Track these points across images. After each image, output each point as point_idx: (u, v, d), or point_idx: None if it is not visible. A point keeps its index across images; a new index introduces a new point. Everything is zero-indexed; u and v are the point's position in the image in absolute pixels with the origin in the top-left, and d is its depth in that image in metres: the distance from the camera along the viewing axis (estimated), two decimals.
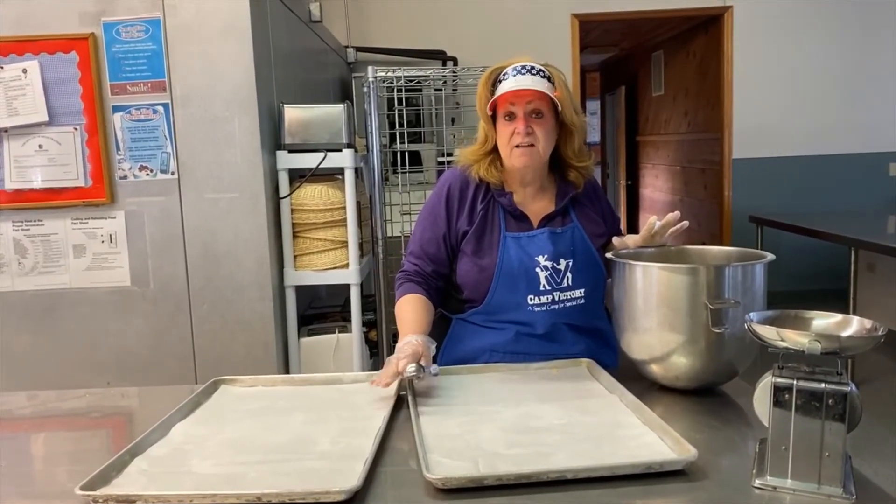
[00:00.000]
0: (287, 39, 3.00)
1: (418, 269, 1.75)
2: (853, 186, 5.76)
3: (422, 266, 1.75)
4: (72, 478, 1.12)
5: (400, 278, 1.76)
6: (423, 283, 1.73)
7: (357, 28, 5.34)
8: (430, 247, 1.75)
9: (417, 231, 1.79)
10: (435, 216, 1.75)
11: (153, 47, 2.42)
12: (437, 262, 1.75)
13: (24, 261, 2.49)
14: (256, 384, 1.60)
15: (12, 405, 1.61)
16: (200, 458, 1.20)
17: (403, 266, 1.79)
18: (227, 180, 2.49)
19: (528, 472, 1.08)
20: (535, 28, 5.46)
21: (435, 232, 1.74)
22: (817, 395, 1.03)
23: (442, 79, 3.47)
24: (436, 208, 1.76)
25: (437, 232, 1.74)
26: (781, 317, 1.15)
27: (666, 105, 7.51)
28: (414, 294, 1.70)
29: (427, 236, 1.75)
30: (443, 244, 1.74)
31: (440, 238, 1.74)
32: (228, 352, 2.54)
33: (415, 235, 1.80)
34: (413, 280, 1.74)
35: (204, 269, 2.51)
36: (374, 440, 1.23)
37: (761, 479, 1.06)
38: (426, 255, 1.75)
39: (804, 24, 5.66)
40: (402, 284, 1.74)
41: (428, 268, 1.74)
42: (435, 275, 1.75)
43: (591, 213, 1.79)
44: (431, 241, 1.75)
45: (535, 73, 1.64)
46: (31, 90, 2.40)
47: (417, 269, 1.75)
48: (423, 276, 1.74)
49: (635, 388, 1.42)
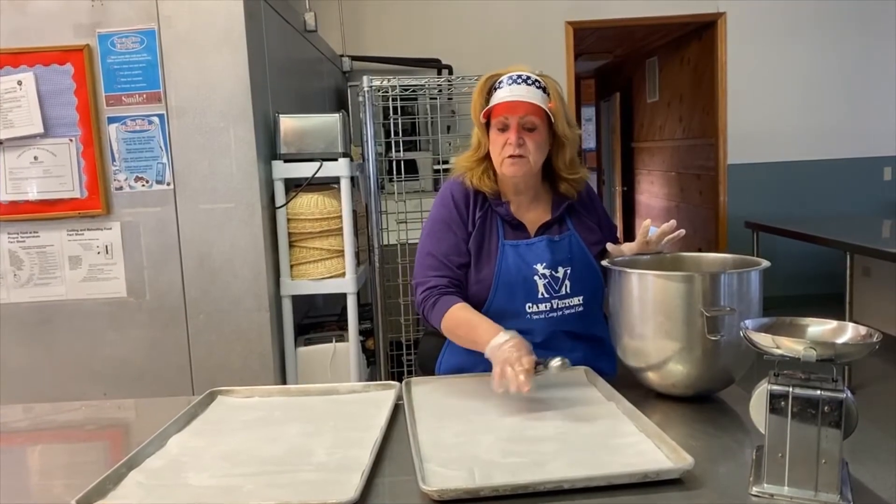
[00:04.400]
0: (282, 49, 3.01)
1: (450, 280, 1.67)
2: (848, 191, 5.78)
3: (450, 275, 1.68)
4: (68, 491, 1.12)
5: (431, 295, 1.66)
6: (457, 292, 1.66)
7: (352, 37, 5.35)
8: (453, 254, 1.69)
9: (432, 244, 1.71)
10: (449, 223, 1.71)
11: (148, 58, 2.43)
12: (464, 270, 1.69)
13: (19, 273, 2.49)
14: (253, 395, 1.60)
15: (8, 418, 1.61)
16: (197, 471, 1.20)
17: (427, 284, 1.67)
18: (223, 190, 2.49)
19: (525, 482, 1.08)
20: (529, 36, 5.48)
21: (452, 239, 1.70)
22: (813, 402, 1.03)
23: (437, 87, 3.47)
24: (448, 216, 1.72)
25: (456, 238, 1.70)
26: (777, 324, 1.16)
27: (661, 111, 7.53)
28: (462, 302, 1.63)
29: (446, 245, 1.70)
30: (464, 247, 1.69)
31: (461, 242, 1.69)
32: (225, 362, 2.53)
33: (427, 250, 1.71)
34: (448, 293, 1.65)
35: (200, 279, 2.51)
36: (371, 451, 1.23)
37: (758, 487, 1.06)
38: (451, 264, 1.68)
39: (797, 29, 5.69)
40: (441, 298, 1.64)
41: (456, 277, 1.68)
42: (462, 285, 1.69)
43: (587, 221, 1.79)
44: (453, 249, 1.69)
45: (530, 83, 1.64)
46: (27, 102, 2.41)
47: (448, 279, 1.67)
48: (454, 287, 1.67)
49: (632, 396, 1.42)
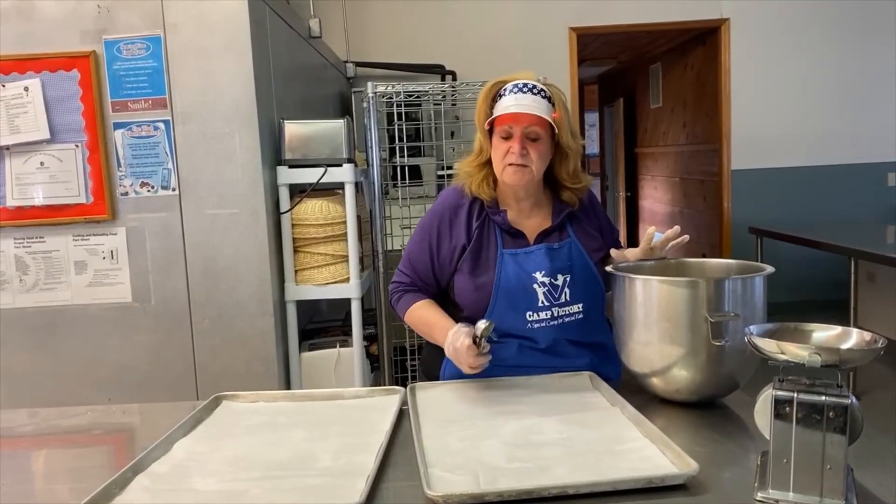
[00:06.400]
0: (287, 55, 3.02)
1: (413, 280, 1.79)
2: (853, 196, 5.77)
3: (414, 278, 1.79)
4: (74, 495, 1.12)
5: (397, 290, 1.81)
6: (420, 291, 1.79)
7: (356, 43, 5.37)
8: (419, 265, 1.78)
9: (410, 245, 1.83)
10: (429, 231, 1.77)
11: (154, 64, 2.44)
12: (426, 280, 1.78)
13: (25, 277, 2.49)
14: (258, 400, 1.61)
15: (13, 423, 1.61)
16: (202, 475, 1.20)
17: (396, 277, 1.83)
18: (228, 196, 2.50)
19: (530, 487, 1.08)
20: (533, 42, 5.49)
21: (423, 252, 1.77)
22: (818, 408, 1.03)
23: (441, 93, 3.48)
24: (429, 225, 1.78)
25: (425, 252, 1.77)
26: (781, 329, 1.16)
27: (664, 117, 7.54)
28: (426, 300, 1.76)
29: (417, 251, 1.79)
30: (431, 264, 1.76)
31: (427, 259, 1.76)
32: (229, 367, 2.54)
33: (407, 249, 1.84)
34: (411, 290, 1.79)
35: (205, 284, 2.52)
36: (375, 456, 1.23)
37: (763, 493, 1.06)
38: (416, 270, 1.79)
39: (801, 35, 5.69)
40: (404, 294, 1.79)
41: (419, 281, 1.79)
42: (426, 288, 1.79)
43: (588, 228, 1.79)
44: (420, 258, 1.78)
45: (535, 92, 1.64)
46: (33, 108, 2.42)
47: (412, 280, 1.79)
48: (418, 287, 1.79)
49: (637, 401, 1.42)
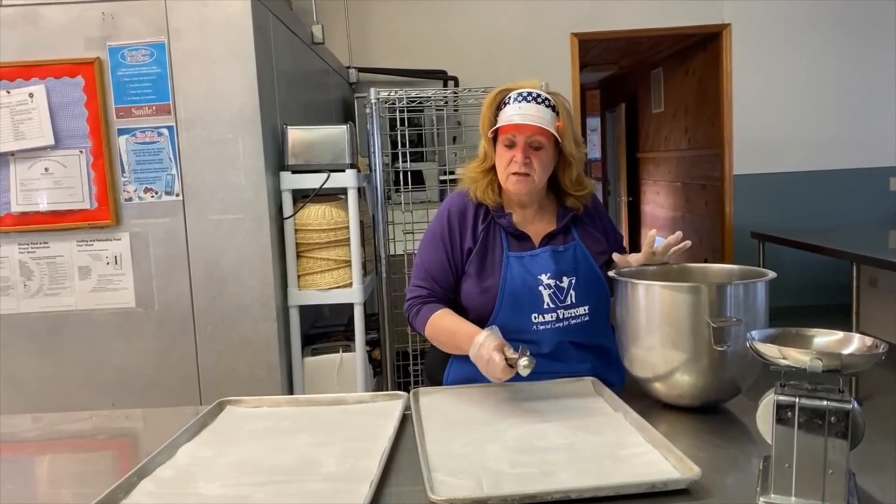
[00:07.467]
0: (290, 61, 3.03)
1: (431, 292, 1.76)
2: (854, 201, 5.77)
3: (433, 288, 1.76)
4: (78, 500, 1.13)
5: (415, 304, 1.76)
6: (439, 301, 1.75)
7: (359, 49, 5.39)
8: (437, 270, 1.76)
9: (422, 255, 1.80)
10: (441, 237, 1.77)
11: (158, 71, 2.45)
12: (445, 286, 1.76)
13: (29, 283, 2.50)
14: (261, 405, 1.61)
15: (17, 428, 1.62)
16: (207, 480, 1.21)
17: (411, 293, 1.78)
18: (232, 201, 2.50)
19: (533, 492, 1.09)
20: (535, 47, 5.50)
21: (438, 255, 1.76)
22: (820, 413, 1.03)
23: (443, 99, 3.49)
24: (439, 231, 1.78)
25: (443, 255, 1.75)
26: (783, 335, 1.16)
27: (666, 122, 7.55)
28: (444, 309, 1.72)
29: (432, 259, 1.77)
30: (448, 267, 1.75)
31: (446, 259, 1.75)
32: (233, 372, 2.54)
33: (419, 260, 1.81)
34: (429, 301, 1.75)
35: (208, 289, 2.53)
36: (379, 461, 1.23)
37: (765, 497, 1.06)
38: (433, 279, 1.76)
39: (803, 40, 5.70)
40: (423, 306, 1.74)
41: (438, 290, 1.76)
42: (445, 297, 1.77)
43: (592, 231, 1.80)
44: (437, 264, 1.76)
45: (539, 101, 1.65)
46: (38, 114, 2.43)
47: (430, 291, 1.76)
48: (437, 296, 1.76)
49: (639, 406, 1.43)
